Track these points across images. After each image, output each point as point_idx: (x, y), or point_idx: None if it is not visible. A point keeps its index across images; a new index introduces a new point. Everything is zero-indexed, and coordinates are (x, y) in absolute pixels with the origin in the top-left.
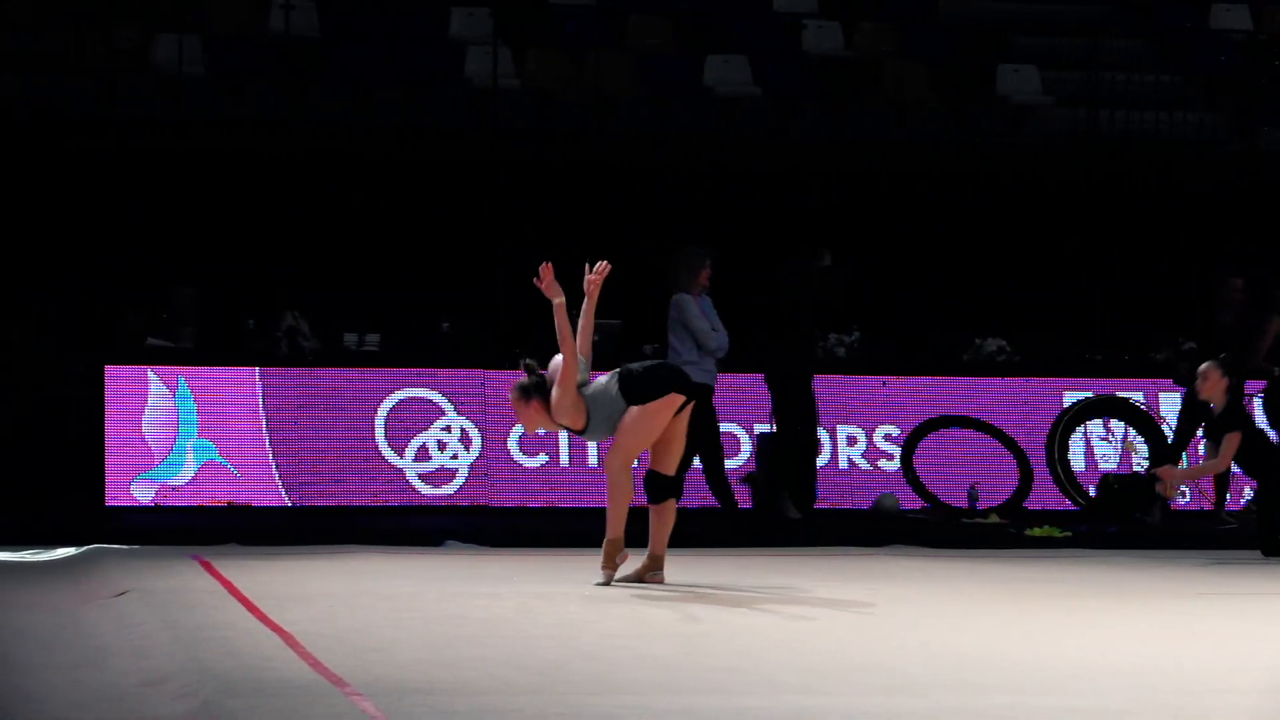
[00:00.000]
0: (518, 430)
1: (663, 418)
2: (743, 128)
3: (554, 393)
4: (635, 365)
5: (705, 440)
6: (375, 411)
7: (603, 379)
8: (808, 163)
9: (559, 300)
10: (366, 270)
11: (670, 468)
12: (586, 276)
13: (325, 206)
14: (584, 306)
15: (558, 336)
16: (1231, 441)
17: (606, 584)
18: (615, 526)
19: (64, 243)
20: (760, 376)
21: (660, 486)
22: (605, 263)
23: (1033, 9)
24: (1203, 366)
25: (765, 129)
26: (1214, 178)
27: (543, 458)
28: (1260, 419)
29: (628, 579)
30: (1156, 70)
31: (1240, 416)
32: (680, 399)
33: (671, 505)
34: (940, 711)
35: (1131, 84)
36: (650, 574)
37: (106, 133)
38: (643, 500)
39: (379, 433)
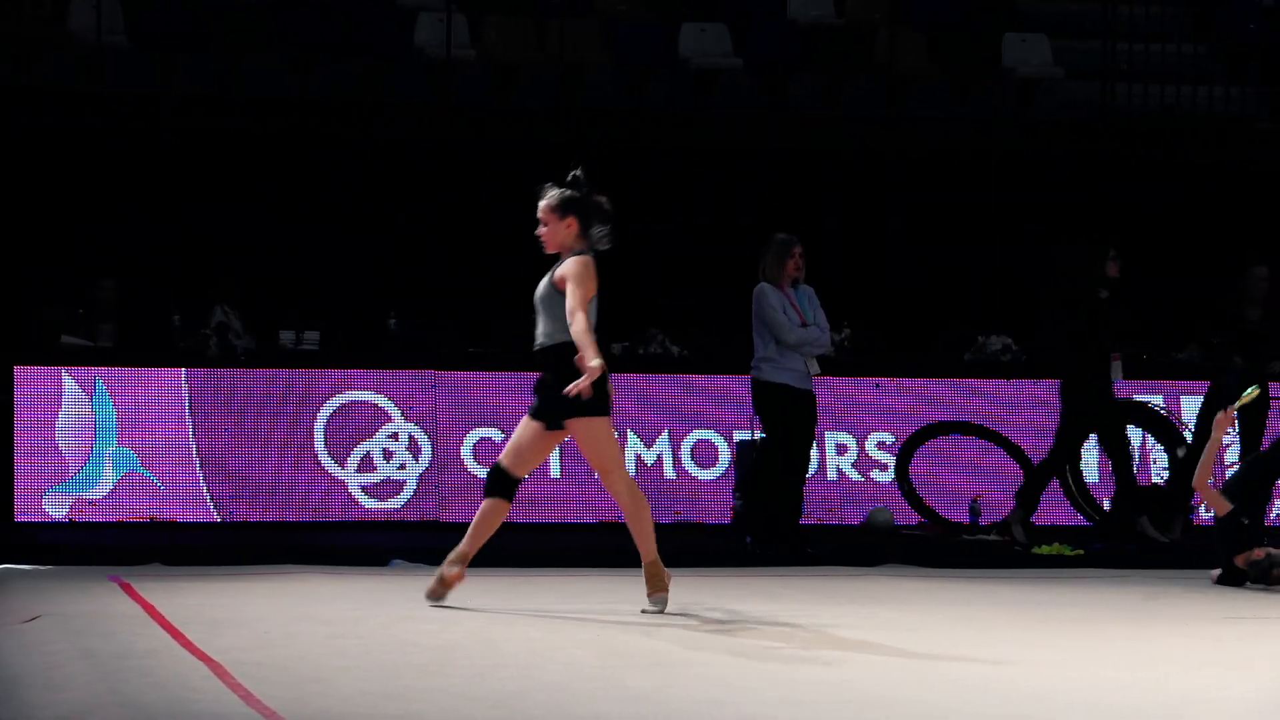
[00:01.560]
0: (471, 439)
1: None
2: (723, 103)
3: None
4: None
5: (797, 447)
6: (314, 417)
7: None
8: (795, 141)
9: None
10: (305, 260)
11: (523, 472)
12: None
13: (259, 188)
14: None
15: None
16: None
17: (663, 610)
18: (652, 547)
19: None
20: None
21: (508, 485)
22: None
23: None
24: None
25: (748, 104)
26: (1242, 157)
27: None
28: None
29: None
30: (1179, 40)
31: None
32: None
33: (504, 506)
34: None
35: (1151, 55)
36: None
37: (19, 109)
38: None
39: (318, 440)
